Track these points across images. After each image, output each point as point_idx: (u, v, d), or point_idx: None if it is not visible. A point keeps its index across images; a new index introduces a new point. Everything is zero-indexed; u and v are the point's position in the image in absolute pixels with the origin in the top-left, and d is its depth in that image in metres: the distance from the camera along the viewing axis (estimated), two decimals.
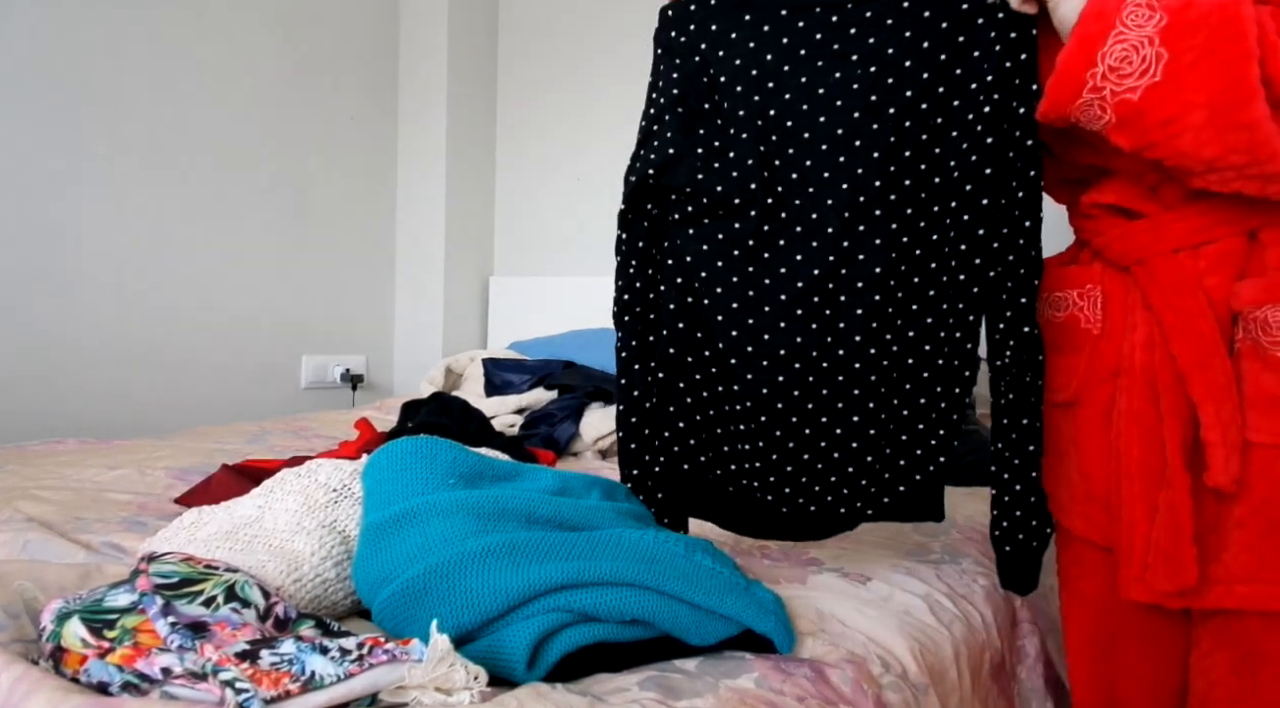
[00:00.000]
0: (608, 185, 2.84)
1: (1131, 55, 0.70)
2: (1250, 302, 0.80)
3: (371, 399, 2.83)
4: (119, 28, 2.20)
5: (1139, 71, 0.71)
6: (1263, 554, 0.81)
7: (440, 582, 0.69)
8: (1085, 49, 0.72)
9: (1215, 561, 0.82)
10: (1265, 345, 0.79)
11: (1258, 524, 0.81)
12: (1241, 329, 0.81)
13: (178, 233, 2.35)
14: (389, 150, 2.96)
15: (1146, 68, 0.71)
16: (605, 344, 2.39)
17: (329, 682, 0.57)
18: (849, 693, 0.76)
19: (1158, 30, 0.70)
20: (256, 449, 1.71)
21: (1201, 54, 0.69)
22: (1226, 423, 0.79)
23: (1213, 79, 0.69)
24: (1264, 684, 0.83)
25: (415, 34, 2.92)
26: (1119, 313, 0.89)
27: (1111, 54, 0.71)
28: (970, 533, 1.32)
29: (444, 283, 2.90)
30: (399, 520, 0.76)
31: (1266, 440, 0.79)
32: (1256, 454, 0.80)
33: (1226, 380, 0.80)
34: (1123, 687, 0.97)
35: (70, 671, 0.61)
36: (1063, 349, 0.94)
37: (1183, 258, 0.83)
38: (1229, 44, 0.69)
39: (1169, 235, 0.83)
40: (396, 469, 0.81)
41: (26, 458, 1.53)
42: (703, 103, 1.00)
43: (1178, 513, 0.82)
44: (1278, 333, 0.79)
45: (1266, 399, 0.79)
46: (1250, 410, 0.80)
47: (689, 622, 0.74)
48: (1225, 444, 0.79)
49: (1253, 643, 0.83)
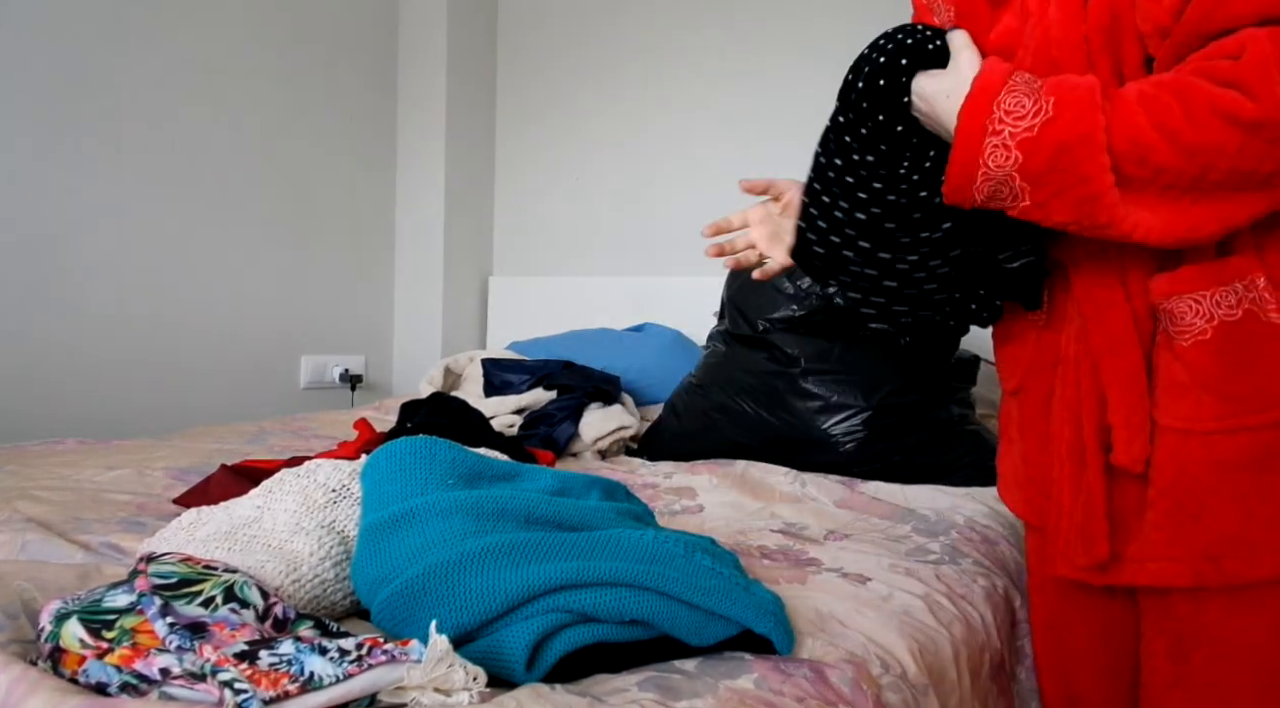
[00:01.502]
0: (608, 185, 2.85)
1: (1002, 189, 0.78)
2: (1161, 294, 0.84)
3: (371, 399, 2.82)
4: (119, 30, 2.20)
5: (1012, 196, 0.78)
6: (1170, 533, 0.84)
7: (439, 582, 0.69)
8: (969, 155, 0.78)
9: (1130, 540, 0.87)
10: (1172, 335, 0.84)
11: (1165, 504, 0.84)
12: (1157, 320, 0.86)
13: (177, 233, 2.35)
14: (388, 150, 2.96)
15: (1017, 195, 0.78)
16: (605, 344, 2.40)
17: (328, 682, 0.57)
18: (848, 693, 0.76)
19: (1026, 135, 0.76)
20: (255, 449, 1.71)
21: (1055, 193, 0.76)
22: (1131, 407, 0.84)
23: (1070, 210, 0.77)
24: (1195, 669, 0.85)
25: (415, 34, 2.92)
26: (1061, 307, 0.93)
27: (982, 191, 0.79)
28: (969, 534, 1.32)
29: (443, 283, 2.90)
30: (398, 521, 0.76)
31: (1174, 425, 0.83)
32: (1165, 438, 0.84)
33: (1133, 367, 0.85)
34: (1076, 673, 1.01)
35: (69, 671, 0.61)
36: (1012, 340, 1.00)
37: (1110, 254, 0.86)
38: (1081, 185, 0.75)
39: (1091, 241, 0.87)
40: (395, 469, 0.81)
41: (26, 458, 1.53)
42: None
43: (1091, 491, 0.87)
44: (1181, 323, 0.83)
45: (1174, 386, 0.84)
46: (1160, 395, 0.84)
47: (688, 622, 0.74)
48: (1128, 427, 0.85)
49: (1184, 627, 0.86)
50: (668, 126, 2.71)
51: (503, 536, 0.74)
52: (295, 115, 2.65)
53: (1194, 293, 0.82)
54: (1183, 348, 0.83)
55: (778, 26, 2.53)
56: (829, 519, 1.38)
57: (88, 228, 2.16)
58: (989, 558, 1.24)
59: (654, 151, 2.74)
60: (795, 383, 1.75)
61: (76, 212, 2.14)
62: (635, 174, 2.79)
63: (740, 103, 2.59)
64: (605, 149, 2.84)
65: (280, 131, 2.61)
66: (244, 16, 2.49)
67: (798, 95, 2.44)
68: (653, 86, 2.72)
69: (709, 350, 2.00)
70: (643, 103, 2.74)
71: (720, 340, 1.96)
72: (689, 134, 2.68)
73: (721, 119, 2.62)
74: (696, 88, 2.66)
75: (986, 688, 1.04)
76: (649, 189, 2.76)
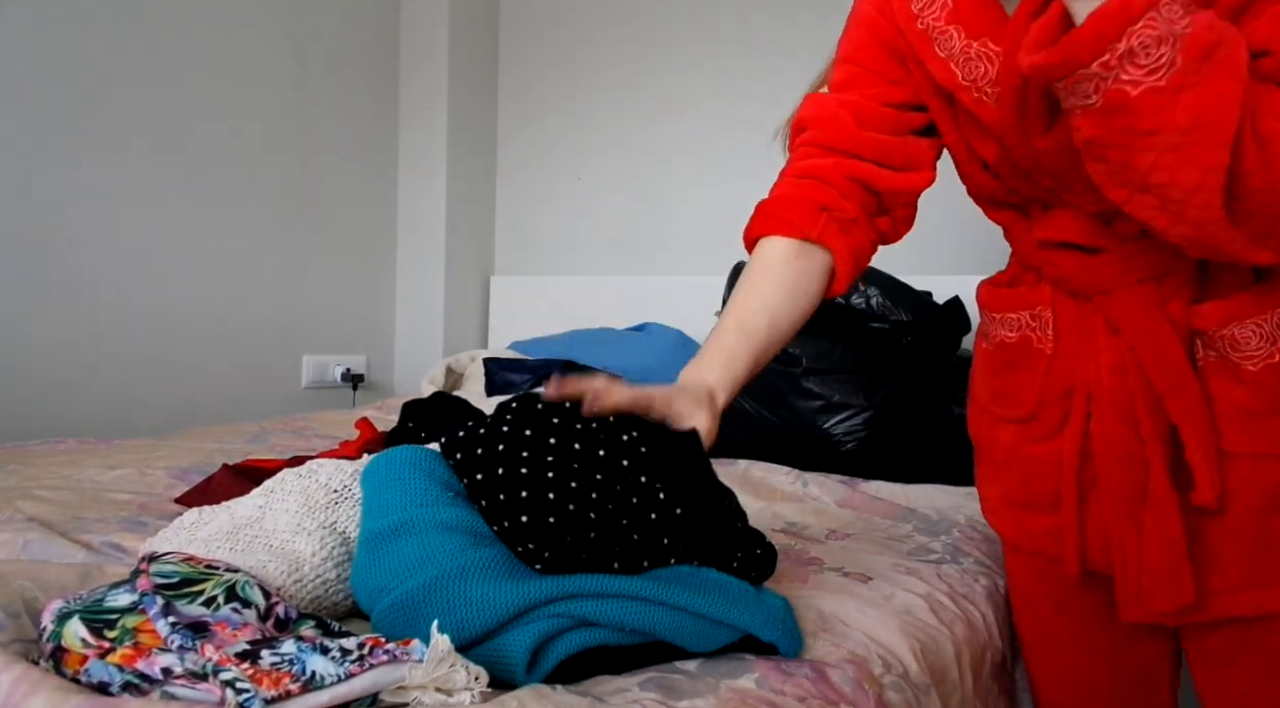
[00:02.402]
0: (610, 184, 2.85)
1: (1152, 49, 0.63)
2: (1217, 322, 0.82)
3: (372, 399, 2.83)
4: (121, 32, 2.20)
5: (1151, 68, 0.63)
6: (1258, 560, 0.83)
7: (439, 595, 0.69)
8: (1120, 18, 0.63)
9: (1212, 573, 0.84)
10: (1236, 361, 0.82)
11: (1247, 531, 0.82)
12: (1203, 347, 0.83)
13: (178, 233, 2.35)
14: (390, 150, 2.96)
15: (1159, 67, 0.63)
16: (607, 344, 2.40)
17: (330, 682, 0.57)
18: (850, 693, 0.76)
19: (1184, 33, 0.63)
20: (257, 449, 1.71)
21: (1204, 80, 0.64)
22: (1204, 442, 0.82)
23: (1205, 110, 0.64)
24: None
25: (416, 34, 2.92)
26: (1073, 335, 0.90)
27: (1139, 35, 0.63)
28: (971, 533, 1.32)
29: (445, 282, 2.90)
30: (397, 530, 0.75)
31: (1244, 451, 0.82)
32: (1236, 465, 0.82)
33: (1198, 401, 0.82)
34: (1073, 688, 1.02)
35: (70, 671, 0.61)
36: (1018, 368, 0.96)
37: (1146, 287, 0.84)
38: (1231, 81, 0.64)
39: (1136, 268, 0.84)
40: (394, 478, 0.81)
41: (26, 458, 1.53)
42: None
43: (1170, 533, 0.83)
44: (1246, 348, 0.81)
45: (1241, 412, 0.82)
46: (1224, 424, 0.82)
47: (692, 632, 0.73)
48: (1207, 464, 0.81)
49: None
50: (670, 126, 2.71)
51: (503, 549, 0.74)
52: (296, 114, 2.65)
53: (1254, 318, 0.80)
54: (1251, 373, 0.81)
55: (782, 26, 2.53)
56: (830, 519, 1.38)
57: (89, 228, 2.16)
58: (990, 557, 1.24)
59: (656, 151, 2.74)
60: (797, 382, 1.75)
61: (78, 212, 2.14)
62: (637, 173, 2.79)
63: (742, 103, 2.58)
64: (607, 148, 2.83)
65: (281, 130, 2.61)
66: (246, 18, 2.49)
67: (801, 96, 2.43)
68: (655, 86, 2.72)
69: None
70: (645, 102, 2.74)
71: None
72: (692, 133, 2.68)
73: (724, 119, 2.62)
74: (699, 87, 2.66)
75: (988, 687, 1.04)
76: (651, 188, 2.76)
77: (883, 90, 0.94)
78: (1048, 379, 0.92)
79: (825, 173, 0.93)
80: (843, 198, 0.92)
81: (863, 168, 0.92)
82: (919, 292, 1.84)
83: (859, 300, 1.78)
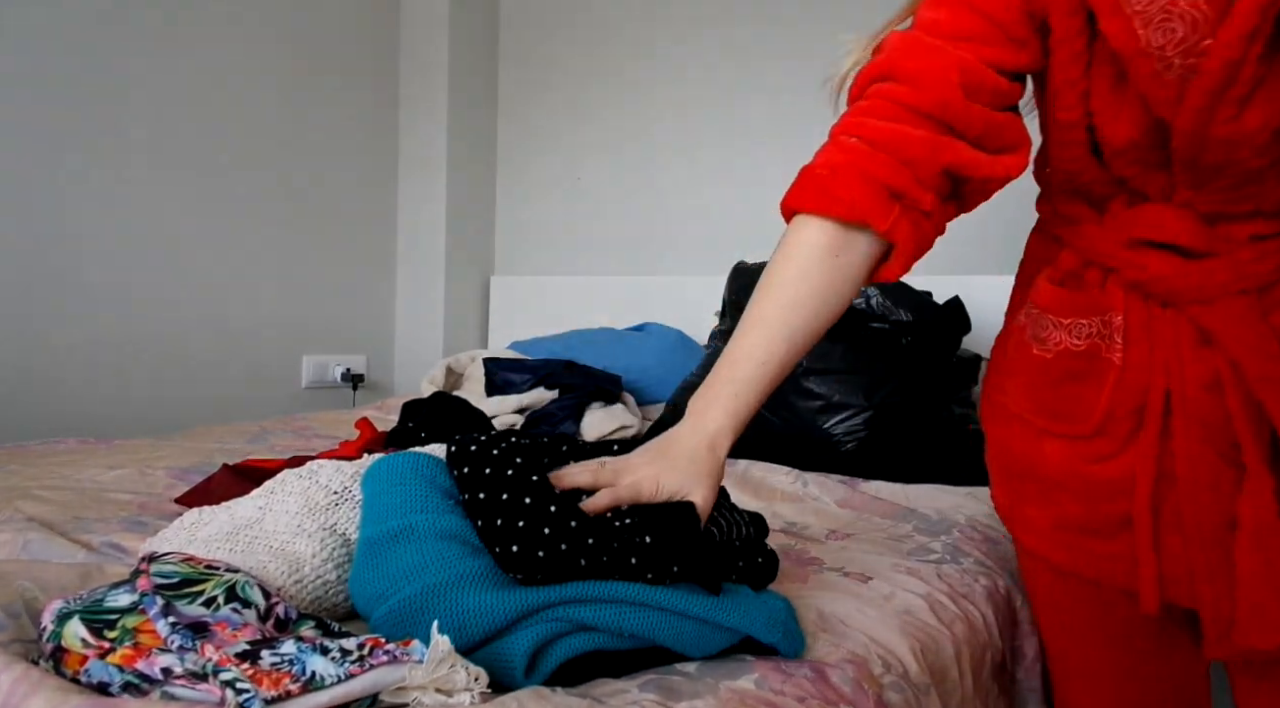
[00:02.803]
0: (610, 185, 2.85)
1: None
2: None
3: (372, 399, 2.83)
4: (121, 31, 2.20)
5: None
6: None
7: (436, 602, 0.69)
8: None
9: None
10: None
11: None
12: None
13: (178, 233, 2.35)
14: (390, 150, 2.96)
15: None
16: (607, 344, 2.40)
17: (330, 682, 0.57)
18: (850, 693, 0.76)
19: None
20: (257, 449, 1.71)
21: None
22: None
23: None
24: None
25: (416, 34, 2.92)
26: (1144, 345, 0.80)
27: None
28: (971, 533, 1.32)
29: (445, 282, 2.90)
30: (396, 536, 0.75)
31: None
32: None
33: None
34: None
35: (70, 671, 0.61)
36: (1082, 379, 0.85)
37: (1250, 298, 0.75)
38: None
39: (1246, 276, 0.76)
40: (395, 482, 0.81)
41: (26, 458, 1.53)
42: None
43: (1275, 564, 0.74)
44: None
45: None
46: None
47: (692, 636, 0.73)
48: None
49: None
50: (670, 126, 2.71)
51: None
52: (297, 115, 2.65)
53: None
54: None
55: (778, 32, 2.53)
56: (830, 519, 1.38)
57: (89, 228, 2.16)
58: (990, 557, 1.24)
59: (656, 151, 2.74)
60: (797, 382, 1.75)
61: (78, 213, 2.14)
62: (637, 174, 2.79)
63: (742, 105, 2.58)
64: (607, 148, 2.84)
65: (282, 132, 2.61)
66: (247, 18, 2.49)
67: (799, 99, 2.43)
68: (655, 87, 2.72)
69: (711, 350, 2.00)
70: (645, 103, 2.74)
71: (722, 340, 1.96)
72: (692, 135, 2.68)
73: (724, 120, 2.62)
74: (699, 89, 2.66)
75: (988, 687, 1.04)
76: (651, 189, 2.76)
77: (1001, 52, 0.75)
78: (1117, 393, 0.82)
79: (911, 150, 0.75)
80: (920, 185, 0.75)
81: (961, 152, 0.75)
82: (919, 292, 1.84)
83: (859, 300, 1.78)
